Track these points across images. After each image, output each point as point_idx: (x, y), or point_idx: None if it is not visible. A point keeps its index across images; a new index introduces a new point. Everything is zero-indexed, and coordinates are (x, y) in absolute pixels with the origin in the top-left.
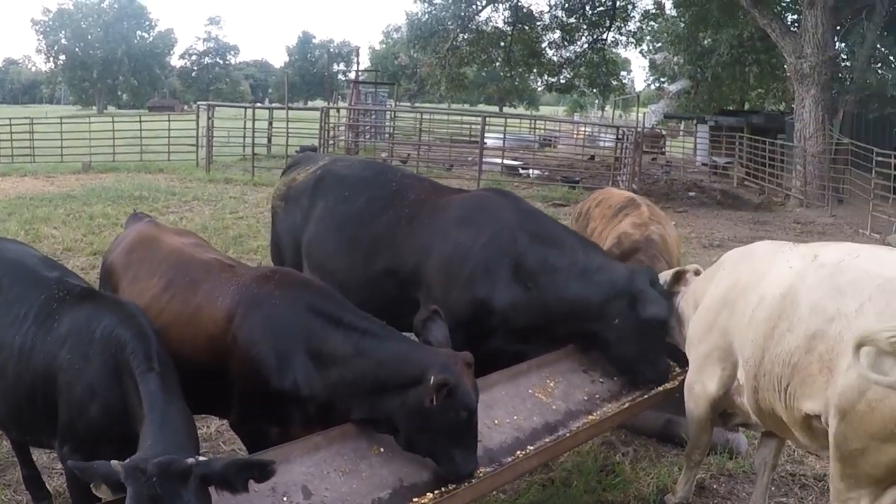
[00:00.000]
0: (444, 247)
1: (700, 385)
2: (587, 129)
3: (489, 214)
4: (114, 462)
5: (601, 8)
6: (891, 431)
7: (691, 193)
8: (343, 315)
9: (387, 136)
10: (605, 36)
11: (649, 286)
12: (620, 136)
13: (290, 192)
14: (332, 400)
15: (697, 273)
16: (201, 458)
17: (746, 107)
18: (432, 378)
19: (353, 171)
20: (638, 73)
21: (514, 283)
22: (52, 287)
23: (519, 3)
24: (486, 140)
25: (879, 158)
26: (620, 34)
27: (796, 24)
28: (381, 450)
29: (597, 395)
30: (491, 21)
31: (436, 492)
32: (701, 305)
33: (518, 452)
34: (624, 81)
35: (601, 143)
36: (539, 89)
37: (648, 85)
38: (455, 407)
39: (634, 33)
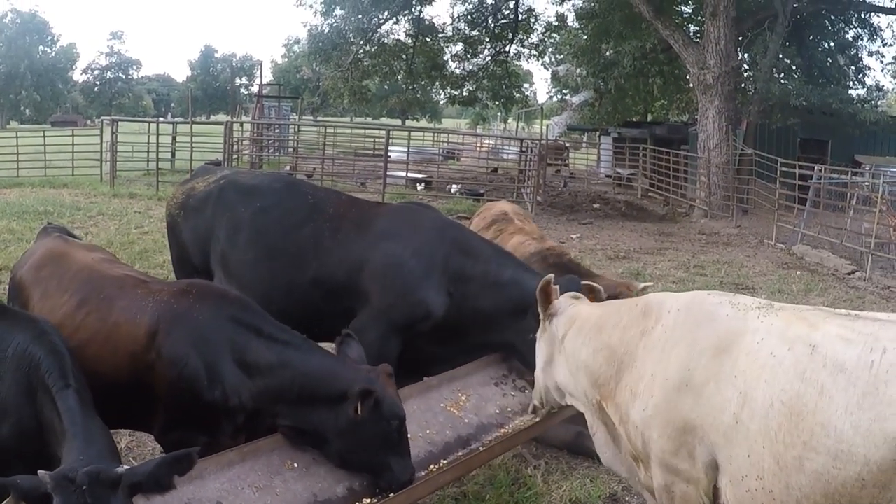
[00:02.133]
0: (376, 257)
1: (680, 489)
2: (491, 141)
3: (416, 225)
4: (41, 472)
5: (504, 21)
6: None
7: (596, 205)
8: (264, 326)
9: (291, 149)
10: (507, 48)
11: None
12: (524, 149)
13: (190, 200)
14: (259, 409)
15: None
16: (128, 467)
17: (650, 118)
18: (357, 389)
19: (261, 181)
20: (540, 85)
21: (442, 289)
22: None
23: (421, 16)
24: (390, 153)
25: (783, 168)
26: (523, 46)
27: (699, 36)
28: (295, 465)
29: (508, 409)
30: (393, 33)
31: None
32: (635, 379)
33: (431, 466)
34: (526, 94)
35: (504, 156)
36: (441, 102)
37: (551, 97)
38: (384, 417)
39: (537, 45)
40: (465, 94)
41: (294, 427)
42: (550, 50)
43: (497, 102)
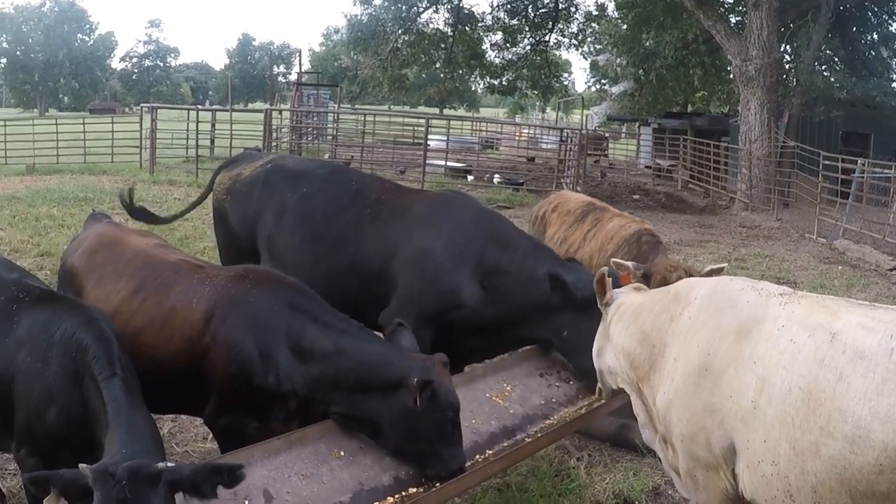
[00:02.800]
0: (408, 245)
1: (702, 474)
2: (529, 131)
3: (451, 214)
4: (82, 466)
5: (543, 10)
6: None
7: (636, 196)
8: (321, 313)
9: (329, 137)
10: (547, 38)
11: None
12: (564, 138)
13: (237, 185)
14: (312, 395)
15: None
16: (170, 464)
17: (690, 109)
18: (415, 379)
19: (307, 167)
20: (578, 74)
21: (474, 280)
22: (12, 289)
23: (460, 5)
24: (429, 142)
25: (826, 162)
26: (563, 36)
27: (741, 26)
28: (342, 453)
29: (553, 399)
30: (432, 22)
31: (397, 496)
32: (664, 363)
33: (477, 456)
34: (565, 83)
35: (543, 146)
36: (479, 91)
37: (589, 87)
38: (439, 407)
39: (576, 35)
40: (504, 83)
41: (347, 414)
42: (590, 39)
43: (536, 92)
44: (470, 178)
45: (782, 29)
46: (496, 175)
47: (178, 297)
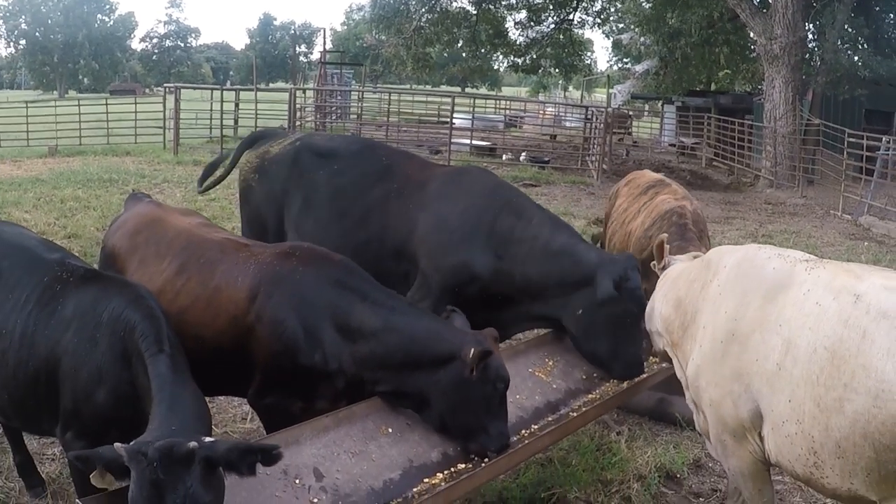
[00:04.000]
0: (426, 218)
1: (730, 439)
2: (553, 109)
3: (466, 186)
4: (117, 445)
5: None
6: None
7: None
8: (369, 290)
9: (353, 117)
10: (571, 16)
11: (620, 276)
12: (589, 117)
13: (266, 163)
14: (360, 374)
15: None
16: (206, 440)
17: (714, 87)
18: (472, 350)
19: (338, 144)
20: (601, 53)
21: (489, 250)
22: (55, 269)
23: None
24: (453, 120)
25: (851, 140)
26: (587, 14)
27: (766, 5)
28: (390, 430)
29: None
30: (456, 1)
31: (446, 472)
32: (695, 329)
33: (522, 431)
34: (588, 62)
35: (567, 124)
36: (502, 70)
37: (611, 65)
38: (492, 378)
39: (600, 13)
40: (527, 62)
41: (396, 391)
42: (613, 18)
43: (560, 70)
44: (505, 156)
45: (807, 8)
46: (522, 154)
47: (222, 275)
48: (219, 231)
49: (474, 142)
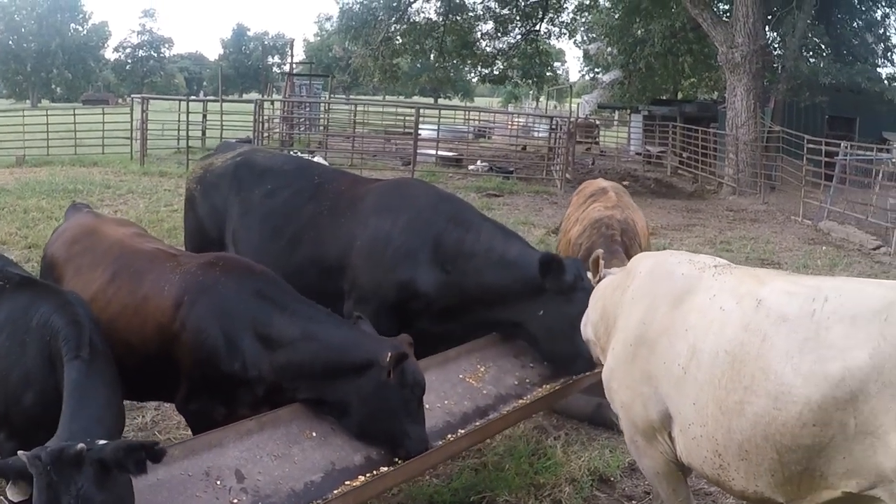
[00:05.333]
0: (365, 234)
1: (642, 440)
2: (522, 119)
3: (406, 200)
4: (20, 453)
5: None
6: None
7: (625, 182)
8: (289, 300)
9: (321, 128)
10: (538, 27)
11: (572, 279)
12: (554, 127)
13: (208, 175)
14: (280, 382)
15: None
16: (97, 443)
17: (680, 96)
18: (388, 354)
19: (274, 163)
20: (572, 63)
21: (434, 266)
22: None
23: None
24: (420, 132)
25: (810, 146)
26: (553, 25)
27: (728, 14)
28: (314, 434)
29: (527, 380)
30: (423, 12)
31: (368, 475)
32: (615, 333)
33: (449, 436)
34: (558, 72)
35: (535, 134)
36: (474, 80)
37: (583, 75)
38: (409, 383)
39: (567, 24)
40: (495, 72)
41: (316, 399)
42: (583, 29)
43: (528, 81)
44: (472, 167)
45: (768, 16)
46: (477, 161)
47: (150, 284)
48: (152, 241)
49: (440, 152)
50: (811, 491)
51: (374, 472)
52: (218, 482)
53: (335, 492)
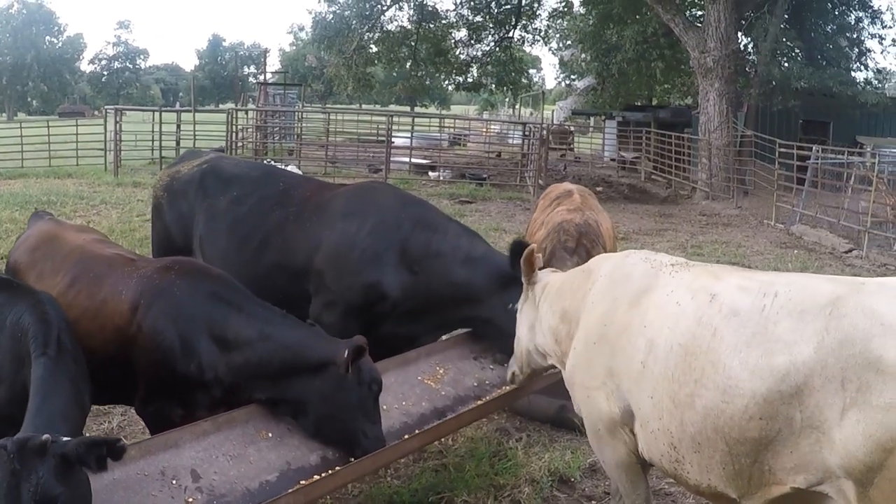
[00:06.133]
0: (331, 237)
1: (605, 434)
2: (496, 126)
3: (372, 203)
4: None
5: (507, 6)
6: None
7: (599, 188)
8: (244, 302)
9: (295, 137)
10: (511, 34)
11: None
12: (527, 133)
13: (175, 183)
14: (237, 383)
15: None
16: (63, 438)
17: (654, 102)
18: (346, 350)
19: (240, 170)
20: (549, 70)
21: (401, 268)
22: None
23: (424, 2)
24: (393, 139)
25: (782, 150)
26: (527, 32)
27: (700, 20)
28: (270, 434)
29: (486, 382)
30: (396, 20)
31: (323, 474)
32: (578, 332)
33: (405, 437)
34: (534, 79)
35: (510, 141)
36: (449, 88)
37: (559, 82)
38: (366, 380)
39: (541, 31)
40: (469, 80)
41: (273, 399)
42: (557, 36)
43: (502, 88)
44: (432, 174)
45: (741, 21)
46: (443, 171)
47: (108, 288)
48: (111, 247)
49: (414, 160)
50: (761, 486)
51: (330, 472)
52: (174, 482)
53: (288, 490)
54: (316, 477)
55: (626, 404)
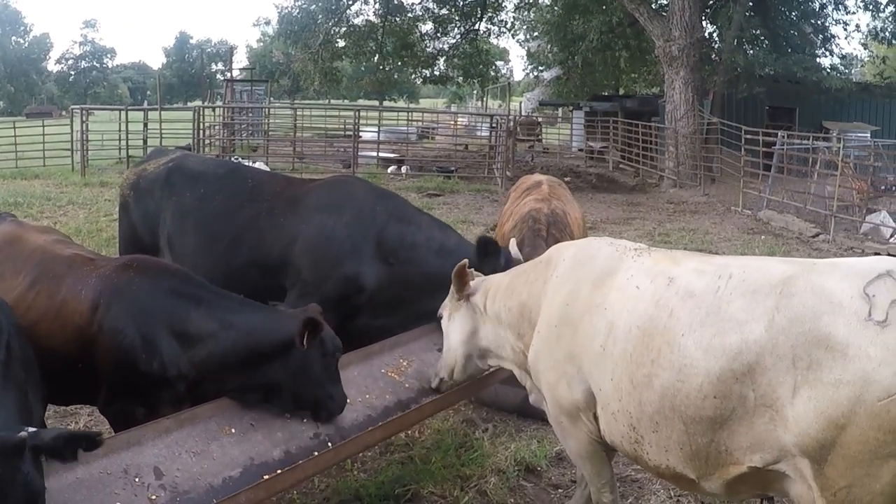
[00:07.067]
0: (307, 231)
1: (567, 420)
2: (464, 119)
3: (347, 197)
4: None
5: None
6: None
7: (567, 178)
8: (204, 294)
9: (263, 133)
10: (477, 26)
11: (504, 261)
12: (495, 125)
13: (141, 181)
14: (203, 377)
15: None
16: (31, 430)
17: (621, 92)
18: (301, 321)
19: (207, 167)
20: (516, 62)
21: (378, 260)
22: None
23: None
24: (361, 134)
25: (748, 136)
26: (493, 24)
27: (665, 8)
28: (233, 430)
29: None
30: (362, 13)
31: (287, 469)
32: (541, 317)
33: (370, 429)
34: (502, 71)
35: (478, 133)
36: (417, 82)
37: (527, 74)
38: (329, 350)
39: (507, 23)
40: (436, 73)
41: (244, 386)
42: (524, 27)
43: (470, 80)
44: (391, 169)
45: (706, 9)
46: (405, 167)
47: (68, 288)
48: (72, 247)
49: (382, 154)
50: (718, 466)
51: (294, 466)
52: (136, 479)
53: (250, 485)
54: (279, 471)
55: (587, 387)
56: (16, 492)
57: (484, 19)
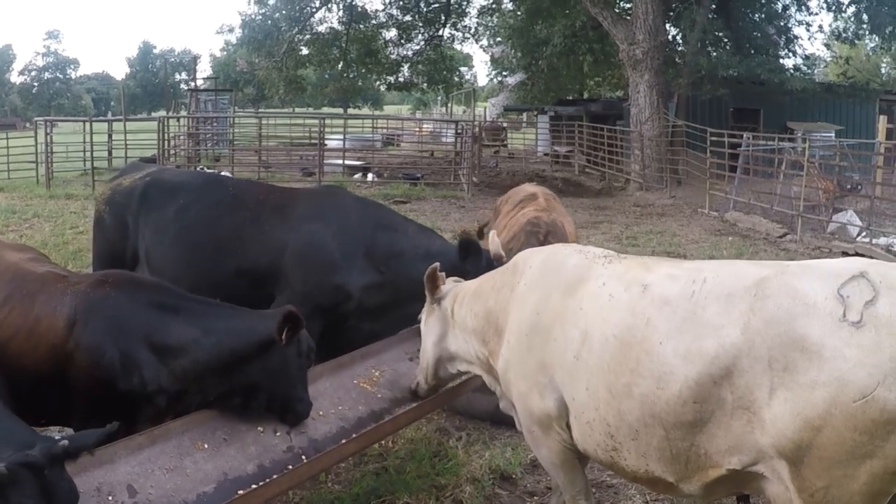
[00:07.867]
0: (297, 240)
1: (539, 429)
2: (429, 125)
3: (334, 206)
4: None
5: (436, 5)
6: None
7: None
8: (181, 303)
9: (228, 143)
10: (441, 32)
11: (486, 262)
12: (460, 131)
13: (116, 196)
14: (184, 388)
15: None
16: (63, 437)
17: (585, 95)
18: (280, 316)
19: (184, 179)
20: (480, 67)
21: (369, 267)
22: None
23: (353, 3)
24: (326, 142)
25: (714, 138)
26: (456, 30)
27: (628, 12)
28: (206, 446)
29: None
30: (326, 21)
31: (260, 483)
32: (509, 327)
33: (343, 441)
34: (466, 77)
35: (444, 139)
36: (382, 88)
37: (491, 79)
38: (304, 351)
39: (471, 29)
40: (401, 79)
41: (226, 392)
42: (488, 33)
43: (434, 87)
44: (356, 176)
45: (669, 13)
46: (371, 175)
47: (41, 305)
48: (45, 264)
49: (347, 161)
50: (698, 469)
51: (267, 480)
52: (110, 498)
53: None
54: (253, 486)
55: (560, 396)
56: (65, 497)
57: (448, 25)
